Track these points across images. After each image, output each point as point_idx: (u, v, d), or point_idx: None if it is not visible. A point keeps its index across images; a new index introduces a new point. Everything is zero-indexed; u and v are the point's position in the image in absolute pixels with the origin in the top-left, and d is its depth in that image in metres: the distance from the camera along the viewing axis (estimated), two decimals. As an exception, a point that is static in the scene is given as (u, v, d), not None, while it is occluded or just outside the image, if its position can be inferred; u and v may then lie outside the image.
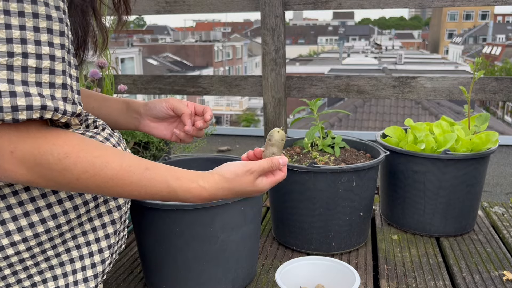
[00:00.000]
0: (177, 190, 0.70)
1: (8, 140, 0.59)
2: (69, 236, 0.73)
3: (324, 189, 1.23)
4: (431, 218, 1.39)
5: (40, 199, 0.68)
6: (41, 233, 0.69)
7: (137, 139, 1.72)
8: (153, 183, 0.68)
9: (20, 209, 0.67)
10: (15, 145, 0.59)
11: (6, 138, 0.59)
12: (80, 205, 0.72)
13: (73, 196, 0.71)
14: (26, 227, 0.67)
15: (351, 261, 1.27)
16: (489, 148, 1.36)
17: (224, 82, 1.82)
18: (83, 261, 0.76)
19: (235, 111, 24.72)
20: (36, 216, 0.68)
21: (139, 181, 0.66)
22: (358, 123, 8.13)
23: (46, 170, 0.61)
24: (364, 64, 20.85)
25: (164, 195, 0.69)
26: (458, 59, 35.79)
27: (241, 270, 1.10)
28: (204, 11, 1.80)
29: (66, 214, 0.71)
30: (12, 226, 0.66)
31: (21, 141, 0.60)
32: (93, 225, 0.77)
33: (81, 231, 0.75)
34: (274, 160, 0.79)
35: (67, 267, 0.75)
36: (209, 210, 0.98)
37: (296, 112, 2.46)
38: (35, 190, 0.68)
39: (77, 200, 0.72)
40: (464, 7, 1.67)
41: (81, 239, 0.75)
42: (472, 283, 1.15)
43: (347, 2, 1.66)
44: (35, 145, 0.60)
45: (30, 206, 0.68)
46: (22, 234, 0.67)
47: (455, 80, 1.62)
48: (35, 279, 0.72)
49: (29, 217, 0.67)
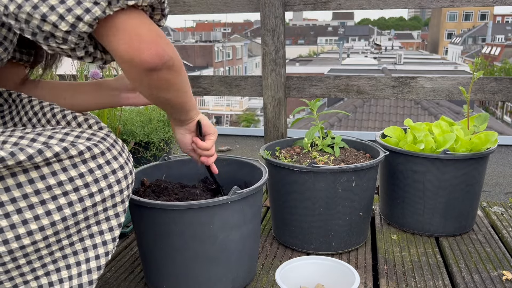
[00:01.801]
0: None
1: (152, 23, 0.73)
2: (74, 230, 0.74)
3: (323, 189, 1.23)
4: (430, 217, 1.40)
5: (56, 187, 0.69)
6: (57, 221, 0.69)
7: (137, 139, 1.72)
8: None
9: (36, 197, 0.67)
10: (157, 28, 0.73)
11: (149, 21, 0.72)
12: (95, 192, 0.73)
13: (89, 184, 0.72)
14: (43, 215, 0.68)
15: (351, 261, 1.27)
16: (488, 148, 1.36)
17: (224, 82, 1.83)
18: (87, 253, 0.76)
19: (235, 111, 24.72)
20: (53, 204, 0.69)
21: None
22: (357, 123, 8.14)
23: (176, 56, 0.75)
24: (363, 64, 20.85)
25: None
26: (457, 59, 35.80)
27: (241, 270, 1.10)
28: (204, 12, 1.80)
29: (82, 201, 0.71)
30: (29, 215, 0.67)
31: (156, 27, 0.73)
32: (98, 219, 0.77)
33: (79, 238, 0.75)
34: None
35: (70, 259, 0.75)
36: (209, 210, 0.99)
37: (296, 112, 2.47)
38: (51, 179, 0.68)
39: (92, 187, 0.72)
40: (463, 7, 1.67)
41: (85, 232, 0.76)
42: (471, 282, 1.15)
43: (346, 2, 1.66)
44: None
45: (47, 195, 0.68)
46: (39, 223, 0.68)
47: (454, 80, 1.63)
48: (38, 273, 0.72)
49: (45, 205, 0.68)
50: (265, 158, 1.32)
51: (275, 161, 1.29)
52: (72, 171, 0.71)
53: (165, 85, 0.78)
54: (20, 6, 0.64)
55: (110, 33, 0.69)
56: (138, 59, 0.69)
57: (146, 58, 0.69)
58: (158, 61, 0.71)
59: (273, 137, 1.80)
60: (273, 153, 1.44)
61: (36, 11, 0.64)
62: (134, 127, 1.73)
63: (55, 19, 0.65)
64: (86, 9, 0.65)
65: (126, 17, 0.68)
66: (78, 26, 0.65)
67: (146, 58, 0.69)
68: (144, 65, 0.70)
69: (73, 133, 0.75)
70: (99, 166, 0.74)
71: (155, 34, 0.71)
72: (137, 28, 0.69)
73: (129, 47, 0.69)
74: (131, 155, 0.87)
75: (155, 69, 0.71)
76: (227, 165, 1.27)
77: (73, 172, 0.71)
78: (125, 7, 0.67)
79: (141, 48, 0.69)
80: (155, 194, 1.14)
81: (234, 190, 1.01)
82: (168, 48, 0.72)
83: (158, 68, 0.72)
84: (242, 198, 1.01)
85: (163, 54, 0.71)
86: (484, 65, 23.46)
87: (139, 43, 0.69)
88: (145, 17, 0.71)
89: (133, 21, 0.69)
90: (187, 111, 0.94)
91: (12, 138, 0.70)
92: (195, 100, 0.95)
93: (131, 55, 0.69)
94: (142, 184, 1.20)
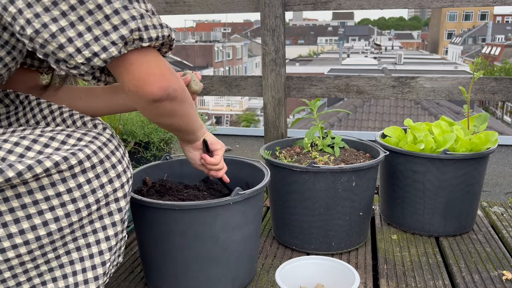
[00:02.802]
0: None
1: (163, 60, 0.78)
2: (69, 238, 0.74)
3: (323, 189, 1.23)
4: (430, 217, 1.40)
5: (43, 202, 0.69)
6: (42, 236, 0.69)
7: (137, 139, 1.72)
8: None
9: (22, 211, 0.67)
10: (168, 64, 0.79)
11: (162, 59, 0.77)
12: (82, 208, 0.73)
13: (76, 199, 0.72)
14: (28, 229, 0.68)
15: (351, 261, 1.27)
16: (488, 148, 1.36)
17: (224, 82, 1.83)
18: (83, 263, 0.76)
19: (235, 111, 24.71)
20: (39, 219, 0.68)
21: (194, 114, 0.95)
22: (357, 123, 8.14)
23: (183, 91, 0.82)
24: (363, 64, 20.84)
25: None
26: (457, 59, 35.79)
27: (241, 270, 1.10)
28: (204, 12, 1.80)
29: (69, 217, 0.71)
30: (14, 229, 0.67)
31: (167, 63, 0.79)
32: (94, 227, 0.77)
33: (81, 233, 0.75)
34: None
35: (67, 269, 0.75)
36: (210, 210, 0.99)
37: (296, 112, 2.47)
38: (39, 193, 0.68)
39: (79, 203, 0.72)
40: (463, 7, 1.67)
41: (82, 241, 0.76)
42: (471, 282, 1.15)
43: (346, 2, 1.66)
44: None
45: (33, 209, 0.68)
46: (24, 237, 0.67)
47: (454, 80, 1.63)
48: (35, 281, 0.72)
49: (31, 219, 0.68)
50: (265, 158, 1.33)
51: (275, 161, 1.29)
52: (70, 182, 0.72)
53: (168, 113, 0.83)
54: (37, 31, 0.66)
55: (123, 68, 0.73)
56: (143, 91, 0.74)
57: (151, 91, 0.74)
58: (162, 94, 0.75)
59: (273, 137, 1.80)
60: (273, 153, 1.44)
61: (54, 40, 0.67)
62: (134, 127, 1.74)
63: (72, 51, 0.68)
64: (103, 47, 0.69)
65: (138, 55, 0.73)
66: (93, 60, 0.69)
67: (151, 91, 0.74)
68: (149, 97, 0.75)
69: (75, 134, 0.76)
70: (97, 176, 0.75)
71: (163, 69, 0.76)
72: (148, 64, 0.74)
73: (138, 81, 0.74)
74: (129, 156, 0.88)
75: (159, 100, 0.76)
76: (228, 166, 1.27)
77: (69, 184, 0.72)
78: (139, 47, 0.72)
79: (147, 82, 0.74)
80: (159, 194, 1.14)
81: (237, 191, 1.01)
82: (173, 81, 0.77)
83: (162, 100, 0.76)
84: (244, 199, 1.02)
85: (168, 87, 0.76)
86: (484, 65, 23.45)
87: (147, 77, 0.74)
88: (156, 54, 0.76)
89: (145, 58, 0.74)
90: (193, 133, 1.00)
91: (7, 144, 0.70)
92: (201, 121, 1.01)
93: (138, 88, 0.74)
94: (144, 183, 1.20)
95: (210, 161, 1.06)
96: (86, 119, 0.83)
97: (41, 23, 0.66)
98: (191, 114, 0.92)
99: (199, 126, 1.00)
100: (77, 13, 0.67)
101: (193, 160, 1.08)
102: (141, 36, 0.71)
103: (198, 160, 1.08)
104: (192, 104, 0.89)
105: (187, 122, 0.93)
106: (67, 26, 0.67)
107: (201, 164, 1.08)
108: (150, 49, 0.75)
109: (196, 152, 1.07)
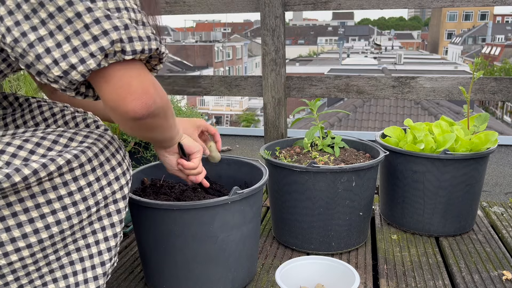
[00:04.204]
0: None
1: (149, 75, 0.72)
2: (70, 240, 0.74)
3: (323, 189, 1.23)
4: (430, 217, 1.40)
5: (45, 205, 0.69)
6: (44, 239, 0.69)
7: (137, 139, 1.72)
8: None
9: (25, 215, 0.67)
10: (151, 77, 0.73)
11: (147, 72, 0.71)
12: (83, 210, 0.73)
13: (77, 202, 0.72)
14: (31, 233, 0.68)
15: (351, 261, 1.27)
16: (488, 148, 1.36)
17: (224, 82, 1.83)
18: (83, 263, 0.76)
19: (235, 111, 24.72)
20: (41, 222, 0.68)
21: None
22: (357, 123, 8.13)
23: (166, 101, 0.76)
24: (363, 64, 20.84)
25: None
26: (457, 59, 35.80)
27: (241, 270, 1.10)
28: (204, 12, 1.80)
29: (70, 219, 0.71)
30: (17, 233, 0.67)
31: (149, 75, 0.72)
32: (93, 228, 0.77)
33: (81, 235, 0.76)
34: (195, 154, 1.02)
35: (67, 269, 0.75)
36: (209, 210, 0.99)
37: (296, 112, 2.47)
38: (41, 197, 0.68)
39: (80, 206, 0.72)
40: (463, 7, 1.67)
41: (81, 242, 0.76)
42: (471, 282, 1.15)
43: (346, 2, 1.66)
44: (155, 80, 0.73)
45: (35, 213, 0.68)
46: (26, 240, 0.68)
47: (454, 80, 1.63)
48: (36, 283, 0.72)
49: (33, 223, 0.68)
50: (265, 158, 1.32)
51: (275, 161, 1.29)
52: (71, 185, 0.72)
53: (149, 128, 0.77)
54: (16, 40, 0.63)
55: (103, 82, 0.67)
56: (123, 109, 0.68)
57: (132, 108, 0.68)
58: (144, 112, 0.69)
59: (273, 137, 1.80)
60: (273, 153, 1.44)
61: (31, 49, 0.63)
62: (134, 127, 1.73)
63: (49, 62, 0.63)
64: (81, 59, 0.64)
65: (120, 68, 0.67)
66: (70, 73, 0.64)
67: (132, 109, 0.68)
68: (129, 114, 0.69)
69: (77, 138, 0.76)
70: (97, 179, 0.75)
71: (147, 85, 0.69)
72: (130, 79, 0.68)
73: (117, 96, 0.67)
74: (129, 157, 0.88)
75: (140, 118, 0.70)
76: (227, 165, 1.27)
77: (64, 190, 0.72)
78: (122, 60, 0.67)
79: (128, 98, 0.67)
80: (155, 194, 1.14)
81: (235, 190, 1.01)
82: (158, 98, 0.71)
83: (143, 118, 0.70)
84: (243, 198, 1.01)
85: (151, 105, 0.70)
86: (484, 65, 23.46)
87: (127, 94, 0.67)
88: (140, 67, 0.70)
89: (127, 72, 0.67)
90: (170, 140, 0.95)
91: (10, 147, 0.70)
92: (178, 126, 0.95)
93: (117, 104, 0.68)
94: (143, 183, 1.20)
95: (188, 166, 1.00)
96: (90, 121, 0.83)
97: (20, 32, 0.62)
98: (172, 123, 0.86)
99: (176, 132, 0.95)
100: (55, 22, 0.62)
101: (169, 166, 1.02)
102: (124, 48, 0.65)
103: (175, 165, 1.01)
104: (173, 113, 0.84)
105: (167, 134, 0.88)
106: (46, 36, 0.63)
107: (178, 169, 1.02)
108: (135, 62, 0.68)
109: (171, 157, 1.00)
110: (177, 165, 1.01)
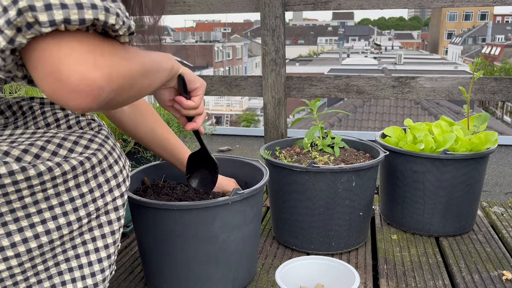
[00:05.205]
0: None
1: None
2: (69, 245, 0.73)
3: (323, 189, 1.23)
4: (430, 217, 1.40)
5: (35, 215, 0.69)
6: (44, 244, 0.69)
7: (137, 139, 1.72)
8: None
9: (26, 220, 0.67)
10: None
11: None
12: (73, 221, 0.72)
13: (68, 212, 0.71)
14: (31, 238, 0.68)
15: (351, 261, 1.27)
16: (488, 148, 1.36)
17: (224, 82, 1.83)
18: (82, 270, 0.76)
19: (235, 111, 24.72)
20: (42, 228, 0.68)
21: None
22: (357, 123, 8.14)
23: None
24: (363, 64, 20.84)
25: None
26: (457, 59, 35.81)
27: (241, 270, 1.10)
28: (204, 12, 1.80)
29: (70, 225, 0.71)
30: (18, 237, 0.67)
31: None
32: (93, 235, 0.76)
33: (81, 241, 0.75)
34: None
35: (66, 276, 0.74)
36: (210, 210, 0.99)
37: (296, 112, 2.47)
38: (43, 203, 0.68)
39: (71, 216, 0.72)
40: (463, 7, 1.67)
41: (81, 249, 0.75)
42: (471, 282, 1.15)
43: (346, 2, 1.66)
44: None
45: (37, 218, 0.68)
46: (26, 245, 0.68)
47: (454, 80, 1.63)
48: None
49: (34, 228, 0.68)
50: (265, 158, 1.33)
51: (275, 161, 1.29)
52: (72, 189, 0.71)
53: (126, 100, 0.62)
54: None
55: (31, 68, 0.53)
56: (66, 106, 0.53)
57: (75, 105, 0.53)
58: (94, 105, 0.54)
59: (273, 137, 1.80)
60: (273, 153, 1.44)
61: None
62: (134, 127, 1.73)
63: None
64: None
65: (45, 47, 0.51)
66: None
67: (75, 106, 0.53)
68: (79, 111, 0.55)
69: (82, 142, 0.74)
70: (98, 185, 0.74)
71: (83, 68, 0.52)
72: (58, 61, 0.51)
73: (50, 89, 0.52)
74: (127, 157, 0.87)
75: (95, 110, 0.55)
76: (227, 165, 1.27)
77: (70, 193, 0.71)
78: (44, 35, 0.51)
79: (63, 93, 0.52)
80: (156, 195, 1.14)
81: (235, 190, 1.01)
82: (106, 78, 0.54)
83: (98, 109, 0.56)
84: (243, 198, 1.02)
85: (99, 94, 0.53)
86: (484, 65, 23.45)
87: (60, 85, 0.52)
88: (76, 42, 0.52)
89: (54, 52, 0.51)
90: (164, 78, 0.76)
91: (15, 150, 0.69)
92: (169, 57, 0.77)
93: (55, 100, 0.53)
94: (143, 183, 1.20)
95: (189, 105, 0.84)
96: (94, 125, 0.82)
97: None
98: (154, 71, 0.69)
99: (169, 66, 0.76)
100: None
101: (162, 101, 0.86)
102: (36, 17, 0.49)
103: (168, 101, 0.85)
104: (149, 61, 0.66)
105: (154, 84, 0.70)
106: None
107: (171, 105, 0.86)
108: (67, 37, 0.52)
109: (164, 90, 0.84)
110: (170, 100, 0.86)
